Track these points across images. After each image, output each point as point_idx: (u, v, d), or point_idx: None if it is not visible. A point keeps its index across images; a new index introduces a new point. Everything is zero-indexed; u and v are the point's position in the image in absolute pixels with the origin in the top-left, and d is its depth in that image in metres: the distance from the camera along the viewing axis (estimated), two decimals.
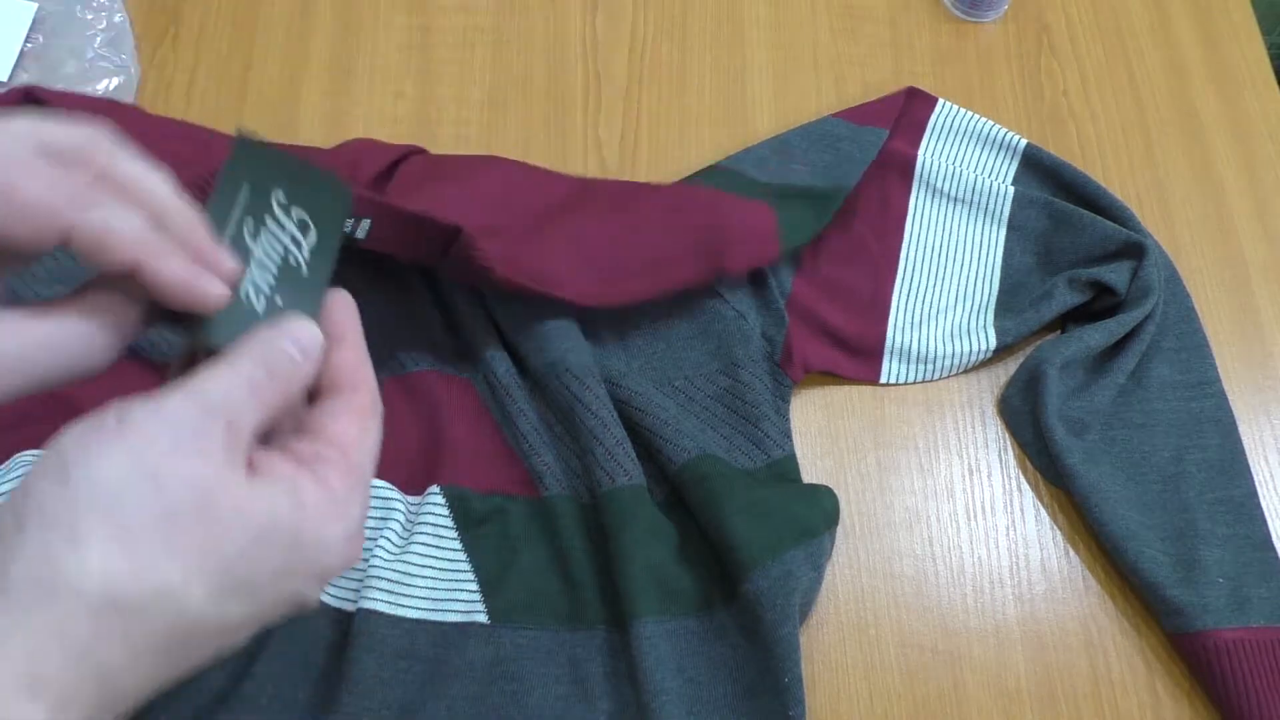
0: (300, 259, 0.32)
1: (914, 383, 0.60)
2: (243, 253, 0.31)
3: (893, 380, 0.59)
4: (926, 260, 0.61)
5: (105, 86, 0.63)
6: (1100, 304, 0.60)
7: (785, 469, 0.55)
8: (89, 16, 0.65)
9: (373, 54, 0.68)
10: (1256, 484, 0.57)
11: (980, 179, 0.62)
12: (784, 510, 0.51)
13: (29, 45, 0.64)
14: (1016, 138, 0.64)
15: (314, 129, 0.65)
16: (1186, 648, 0.52)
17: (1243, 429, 0.59)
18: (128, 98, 0.63)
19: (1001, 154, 0.64)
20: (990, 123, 0.64)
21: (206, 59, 0.67)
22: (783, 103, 0.68)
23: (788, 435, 0.56)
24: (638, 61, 0.69)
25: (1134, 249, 0.59)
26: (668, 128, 0.67)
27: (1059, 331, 0.61)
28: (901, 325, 0.59)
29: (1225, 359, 0.61)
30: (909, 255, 0.61)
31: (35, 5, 0.64)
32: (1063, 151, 0.67)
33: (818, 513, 0.53)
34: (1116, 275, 0.59)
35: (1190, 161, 0.68)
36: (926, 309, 0.60)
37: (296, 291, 0.32)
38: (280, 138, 0.65)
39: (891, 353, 0.59)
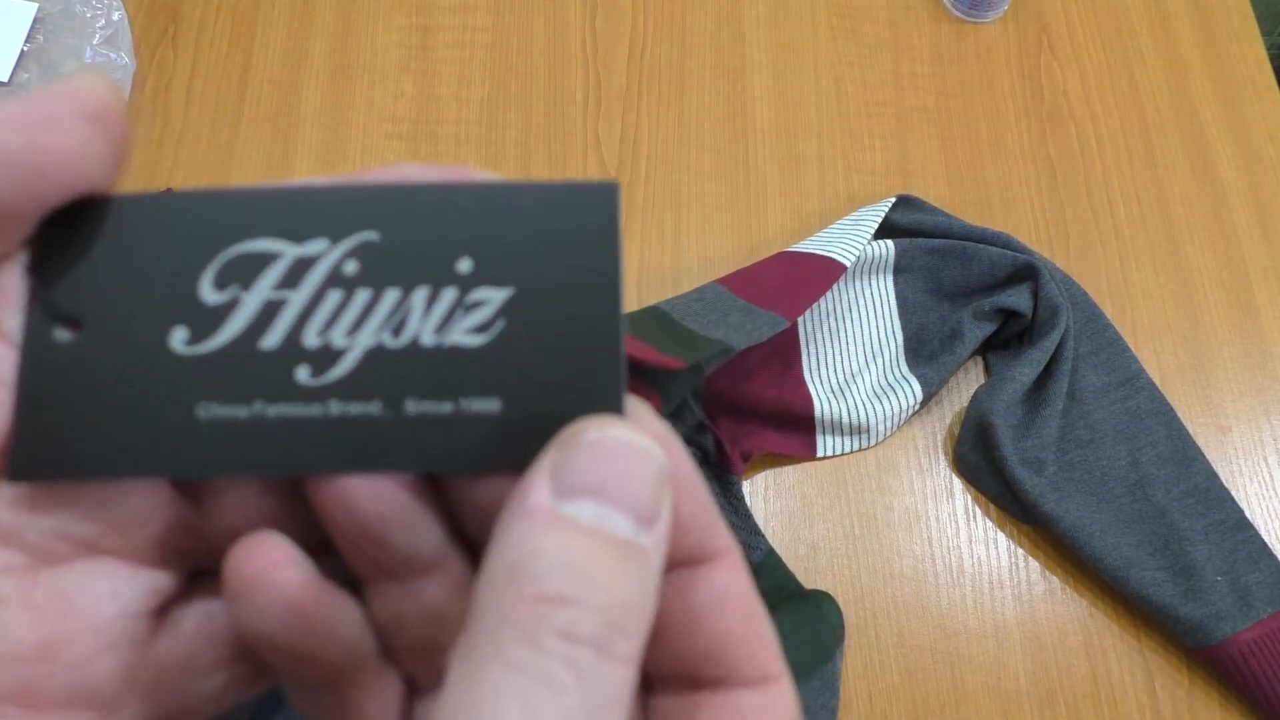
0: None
1: (854, 452, 0.58)
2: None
3: (831, 454, 0.58)
4: (826, 328, 0.60)
5: None
6: (1009, 330, 0.60)
7: (774, 575, 0.53)
8: (88, 14, 0.65)
9: (373, 54, 0.68)
10: (1253, 484, 0.57)
11: (860, 242, 0.58)
12: (794, 639, 0.50)
13: (29, 45, 0.64)
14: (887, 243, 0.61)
15: (314, 129, 0.65)
16: (1211, 660, 0.52)
17: (1243, 429, 0.59)
18: (125, 96, 0.63)
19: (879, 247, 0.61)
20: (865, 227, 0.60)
21: (206, 58, 0.67)
22: (783, 102, 0.68)
23: (758, 532, 0.55)
24: (638, 61, 0.69)
25: (1026, 270, 0.59)
26: (668, 128, 0.67)
27: (979, 357, 0.61)
28: (824, 398, 0.58)
29: (1225, 359, 0.61)
30: (808, 329, 0.60)
31: (35, 5, 0.64)
32: (1063, 151, 0.67)
33: (826, 631, 0.51)
34: (1017, 298, 0.58)
35: (1190, 161, 0.68)
36: (841, 376, 0.59)
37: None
38: (279, 138, 0.65)
39: (823, 427, 0.58)
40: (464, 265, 0.16)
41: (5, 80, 0.62)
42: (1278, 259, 0.65)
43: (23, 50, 0.63)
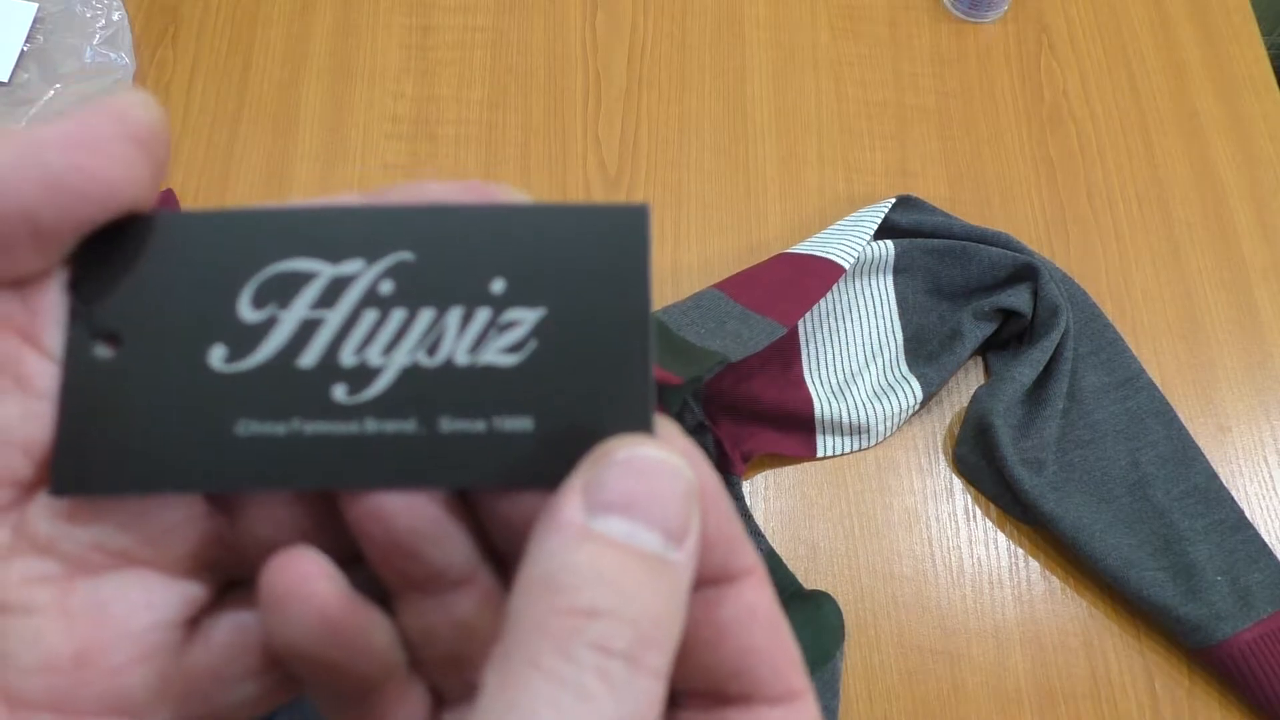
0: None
1: (854, 452, 0.58)
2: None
3: (831, 454, 0.58)
4: (826, 328, 0.60)
5: (104, 85, 0.63)
6: (1009, 330, 0.60)
7: (774, 575, 0.53)
8: (88, 15, 0.65)
9: (373, 54, 0.68)
10: (1253, 484, 0.57)
11: (859, 243, 0.58)
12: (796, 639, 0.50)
13: (29, 45, 0.64)
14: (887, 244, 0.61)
15: (313, 129, 0.65)
16: (1212, 660, 0.52)
17: (1243, 429, 0.59)
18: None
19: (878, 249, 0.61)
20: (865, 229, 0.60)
21: (206, 58, 0.67)
22: (783, 103, 0.68)
23: (758, 533, 0.55)
24: (638, 61, 0.69)
25: (1026, 271, 0.59)
26: (668, 128, 0.67)
27: (979, 357, 0.61)
28: (824, 398, 0.58)
29: (1225, 359, 0.61)
30: (808, 329, 0.60)
31: (35, 5, 0.64)
32: (1063, 152, 0.67)
33: (827, 633, 0.52)
34: (1017, 298, 0.58)
35: (1190, 161, 0.68)
36: (841, 376, 0.59)
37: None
38: (280, 138, 0.65)
39: (823, 427, 0.58)
40: (497, 286, 0.17)
41: (5, 80, 0.62)
42: (1278, 259, 0.65)
43: (23, 50, 0.63)
